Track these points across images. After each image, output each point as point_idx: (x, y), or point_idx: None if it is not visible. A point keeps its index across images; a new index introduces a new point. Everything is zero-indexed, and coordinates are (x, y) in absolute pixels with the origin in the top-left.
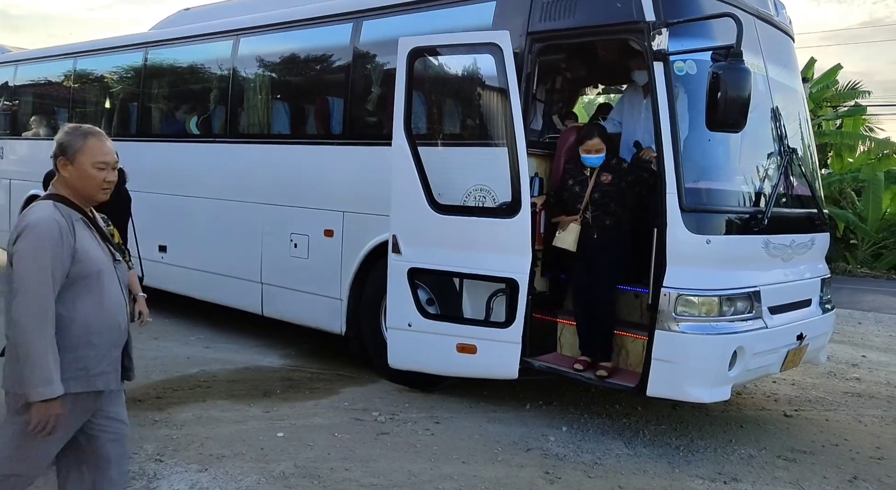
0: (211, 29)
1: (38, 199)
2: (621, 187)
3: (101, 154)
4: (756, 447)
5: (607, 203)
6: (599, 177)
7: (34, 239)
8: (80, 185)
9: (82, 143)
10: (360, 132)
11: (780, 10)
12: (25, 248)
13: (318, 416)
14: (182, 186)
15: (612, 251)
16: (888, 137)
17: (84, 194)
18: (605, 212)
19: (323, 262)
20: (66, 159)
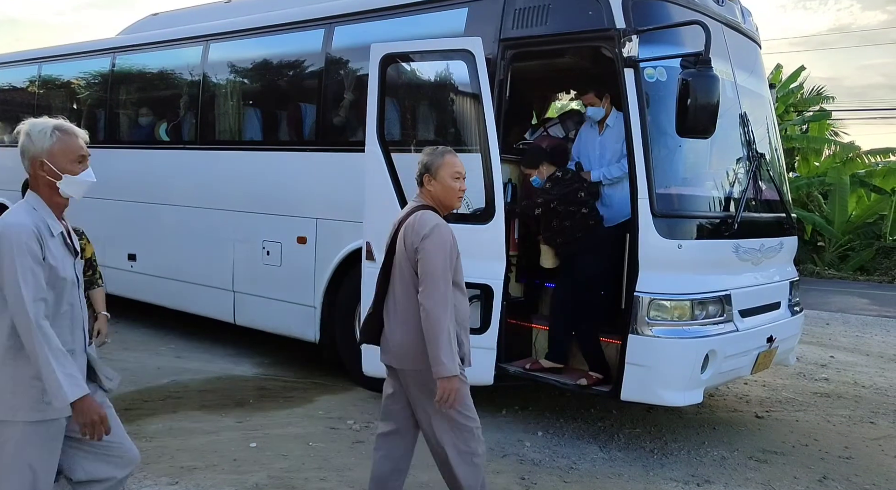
0: (180, 34)
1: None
2: (551, 207)
3: (457, 166)
4: (728, 449)
5: (549, 223)
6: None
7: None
8: (443, 195)
9: (441, 159)
10: (333, 138)
11: (746, 18)
12: None
13: (293, 426)
14: (151, 194)
15: (582, 260)
16: (853, 141)
17: (446, 203)
18: (552, 232)
19: (296, 270)
20: (430, 175)
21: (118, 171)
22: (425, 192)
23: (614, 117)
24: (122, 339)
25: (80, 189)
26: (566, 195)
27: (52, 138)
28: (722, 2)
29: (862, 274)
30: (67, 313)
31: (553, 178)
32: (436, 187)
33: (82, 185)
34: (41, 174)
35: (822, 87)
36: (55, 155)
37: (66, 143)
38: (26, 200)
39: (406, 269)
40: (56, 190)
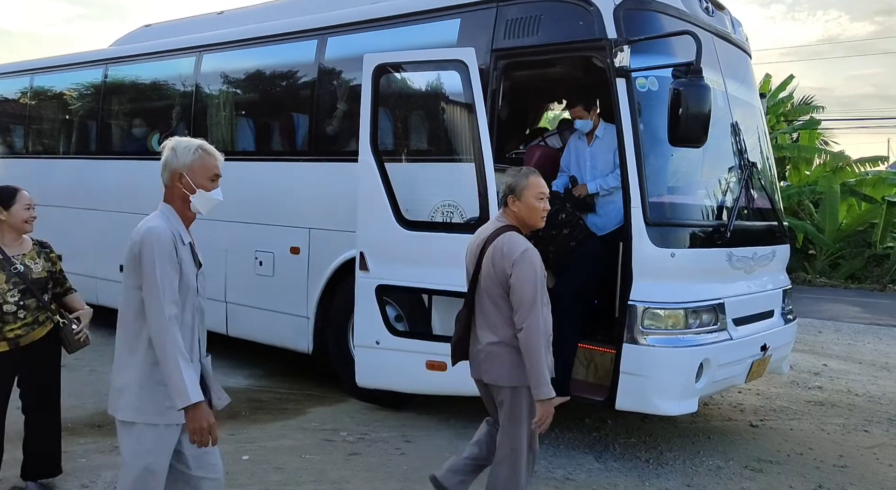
0: (173, 45)
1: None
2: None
3: (541, 187)
4: (724, 458)
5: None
6: None
7: None
8: (527, 216)
9: (525, 181)
10: (326, 148)
11: (737, 28)
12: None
13: (287, 438)
14: (145, 205)
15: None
16: (843, 150)
17: (530, 223)
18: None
19: (289, 280)
20: (514, 196)
21: (110, 182)
22: (509, 212)
23: (603, 128)
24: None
25: (209, 205)
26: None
27: (195, 155)
28: (712, 12)
29: (853, 282)
30: (189, 323)
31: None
32: (520, 208)
33: (211, 201)
34: (178, 187)
35: (811, 97)
36: (194, 170)
37: (205, 161)
38: (161, 211)
39: (495, 289)
40: (188, 203)
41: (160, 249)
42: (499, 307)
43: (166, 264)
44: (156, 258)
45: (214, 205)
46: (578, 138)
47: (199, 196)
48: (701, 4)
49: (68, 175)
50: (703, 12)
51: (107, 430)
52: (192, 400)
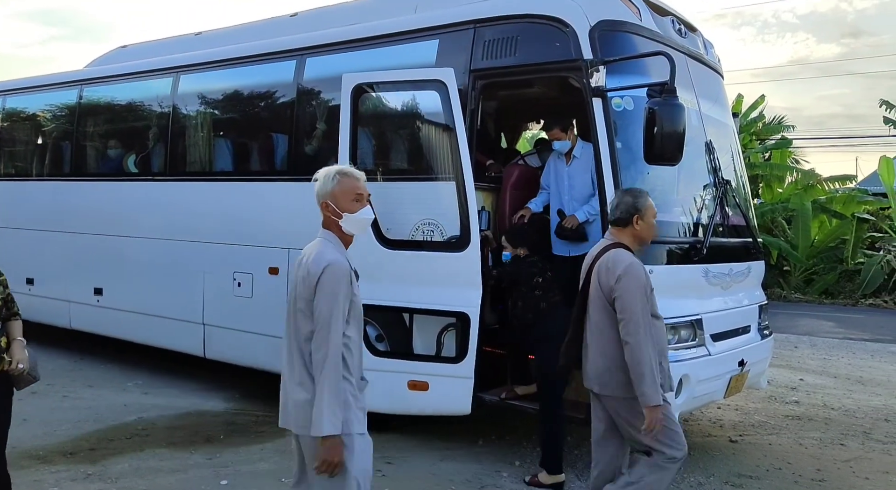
0: (150, 66)
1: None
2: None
3: (654, 207)
4: (704, 474)
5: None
6: None
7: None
8: (646, 234)
9: (647, 202)
10: (306, 168)
11: (709, 50)
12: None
13: (265, 462)
14: (119, 226)
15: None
16: (813, 169)
17: (646, 240)
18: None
19: (268, 301)
20: (639, 216)
21: (85, 203)
22: (627, 231)
23: (581, 148)
24: (86, 375)
25: (359, 226)
26: (524, 276)
27: (334, 181)
28: (685, 34)
29: (827, 297)
30: (357, 344)
31: (515, 256)
32: (642, 227)
33: (360, 222)
34: (328, 214)
35: (782, 117)
36: (336, 196)
37: (345, 184)
38: (326, 239)
39: (602, 303)
40: (340, 227)
41: (340, 283)
42: (607, 321)
43: (341, 297)
44: (338, 292)
45: (365, 224)
46: (557, 158)
47: (346, 219)
48: (674, 26)
49: (42, 197)
50: (676, 34)
51: (80, 457)
52: (327, 432)
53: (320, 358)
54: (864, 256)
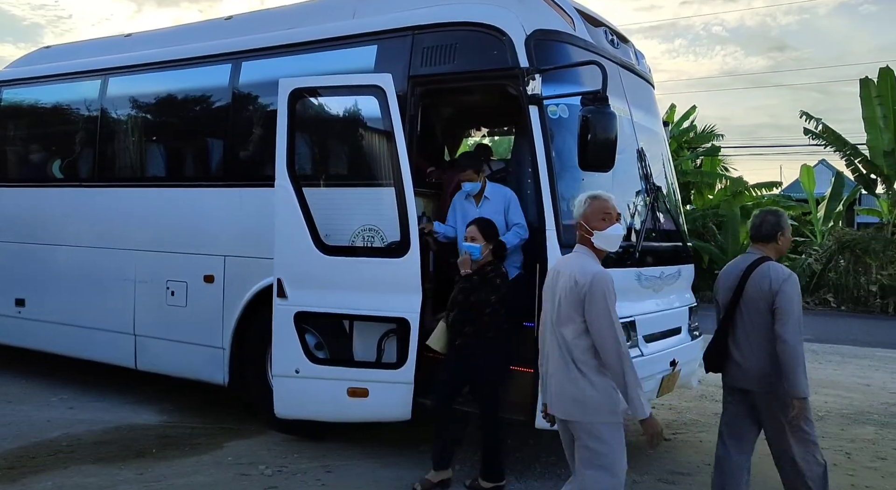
0: (77, 67)
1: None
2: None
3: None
4: (639, 472)
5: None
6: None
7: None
8: (784, 248)
9: (788, 221)
10: (242, 174)
11: (640, 60)
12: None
13: (200, 474)
14: (43, 234)
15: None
16: (741, 176)
17: (783, 254)
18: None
19: (203, 310)
20: (782, 233)
21: (5, 210)
22: (771, 246)
23: (491, 189)
24: (5, 391)
25: (609, 241)
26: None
27: (586, 204)
28: (617, 44)
29: None
30: None
31: (500, 272)
32: (783, 242)
33: (610, 238)
34: (581, 233)
35: (713, 126)
36: (588, 217)
37: (595, 206)
38: (583, 253)
39: (765, 310)
40: (593, 244)
41: (609, 288)
42: (762, 324)
43: (611, 300)
44: (608, 301)
45: (615, 239)
46: (465, 199)
47: (597, 236)
48: (606, 36)
49: None
50: (608, 44)
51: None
52: (647, 414)
53: (613, 355)
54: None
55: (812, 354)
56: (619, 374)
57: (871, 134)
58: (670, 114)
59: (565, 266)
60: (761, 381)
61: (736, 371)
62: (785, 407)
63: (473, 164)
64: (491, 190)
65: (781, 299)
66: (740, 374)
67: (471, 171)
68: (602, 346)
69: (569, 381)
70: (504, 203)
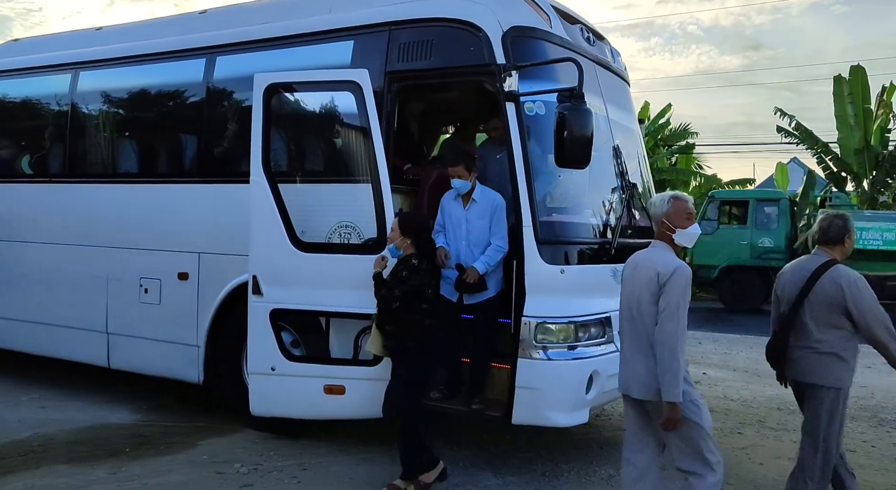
0: (46, 61)
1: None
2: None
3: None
4: (615, 467)
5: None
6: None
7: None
8: (849, 251)
9: (853, 223)
10: (216, 170)
11: (616, 58)
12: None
13: (174, 473)
14: (12, 231)
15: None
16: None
17: (847, 256)
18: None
19: (177, 308)
20: (847, 235)
21: None
22: (838, 248)
23: (480, 192)
24: None
25: (688, 239)
26: (416, 287)
27: (669, 204)
28: (593, 42)
29: None
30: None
31: (410, 265)
32: (849, 245)
33: (690, 236)
34: (663, 230)
35: (688, 124)
36: (671, 216)
37: (678, 206)
38: (658, 246)
39: (831, 309)
40: (672, 240)
41: (687, 282)
42: (828, 323)
43: (686, 293)
44: (685, 288)
45: (693, 237)
46: (454, 199)
47: (679, 234)
48: (583, 34)
49: None
50: (584, 41)
51: None
52: (678, 399)
53: (669, 341)
54: None
55: None
56: (668, 356)
57: (843, 132)
58: (645, 111)
59: (645, 259)
60: (835, 378)
61: (799, 367)
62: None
63: (465, 160)
64: (480, 193)
65: (859, 300)
66: (804, 370)
67: (461, 167)
68: (662, 327)
69: (644, 363)
70: (491, 209)
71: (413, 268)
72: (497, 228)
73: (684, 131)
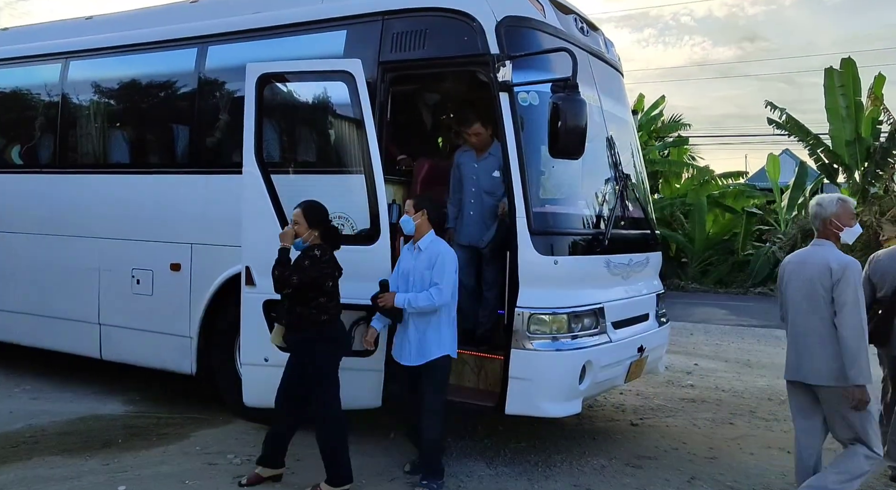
0: (36, 50)
1: None
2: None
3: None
4: (607, 457)
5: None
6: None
7: None
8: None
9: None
10: (209, 160)
11: (609, 48)
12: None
13: (167, 464)
14: (3, 222)
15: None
16: (707, 165)
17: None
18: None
19: (170, 299)
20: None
21: None
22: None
23: (495, 146)
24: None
25: (853, 236)
26: (315, 279)
27: (836, 205)
28: (587, 32)
29: (721, 287)
30: None
31: (311, 255)
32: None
33: (854, 234)
34: (831, 229)
35: (680, 116)
36: (839, 216)
37: (845, 208)
38: (829, 245)
39: None
40: (837, 238)
41: (859, 276)
42: None
43: (861, 285)
44: (858, 282)
45: (856, 235)
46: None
47: (846, 232)
48: (576, 24)
49: None
50: (578, 32)
51: None
52: (869, 381)
53: (856, 331)
54: (753, 248)
55: (775, 340)
56: (853, 344)
57: (834, 124)
58: (639, 103)
59: (813, 256)
60: None
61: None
62: None
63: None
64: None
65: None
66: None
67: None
68: (843, 319)
69: (827, 353)
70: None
71: (315, 259)
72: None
73: (677, 123)
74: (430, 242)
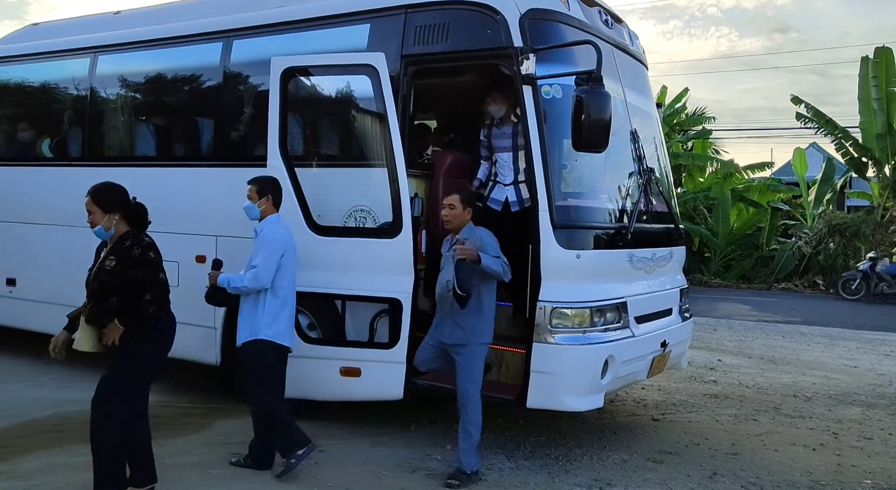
0: (65, 45)
1: None
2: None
3: None
4: (628, 452)
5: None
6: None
7: None
8: None
9: None
10: (234, 153)
11: (634, 41)
12: None
13: (190, 454)
14: (34, 213)
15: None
16: (732, 159)
17: None
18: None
19: (195, 290)
20: None
21: None
22: None
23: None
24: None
25: None
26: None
27: None
28: (611, 25)
29: (744, 282)
30: None
31: (123, 250)
32: None
33: None
34: None
35: (704, 108)
36: None
37: None
38: None
39: None
40: None
41: None
42: None
43: None
44: None
45: None
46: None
47: None
48: (601, 17)
49: None
50: (602, 24)
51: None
52: None
53: None
54: (778, 243)
55: (800, 336)
56: None
57: (865, 116)
58: (662, 96)
59: None
60: None
61: None
62: None
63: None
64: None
65: None
66: None
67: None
68: None
69: None
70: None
71: (126, 254)
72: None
73: (700, 116)
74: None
